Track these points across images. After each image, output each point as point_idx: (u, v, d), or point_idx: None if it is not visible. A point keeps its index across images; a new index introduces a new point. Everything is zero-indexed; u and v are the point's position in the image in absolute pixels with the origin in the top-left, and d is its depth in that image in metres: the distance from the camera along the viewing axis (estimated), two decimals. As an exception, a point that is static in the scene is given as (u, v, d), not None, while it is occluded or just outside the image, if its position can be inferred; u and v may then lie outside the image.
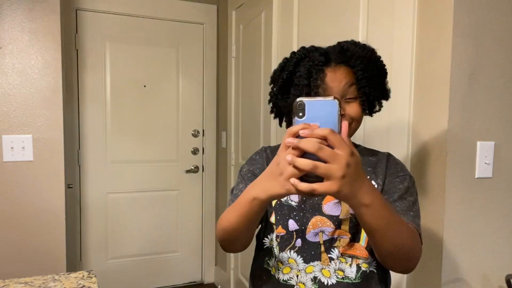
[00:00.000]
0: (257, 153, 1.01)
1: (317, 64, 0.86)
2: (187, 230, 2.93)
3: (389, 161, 0.94)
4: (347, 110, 0.86)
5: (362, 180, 0.63)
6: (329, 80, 0.85)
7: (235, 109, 2.59)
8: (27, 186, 1.79)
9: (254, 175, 0.94)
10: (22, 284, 1.02)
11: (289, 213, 0.91)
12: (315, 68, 0.86)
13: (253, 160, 0.99)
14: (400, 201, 0.87)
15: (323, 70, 0.86)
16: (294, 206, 0.90)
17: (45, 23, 1.80)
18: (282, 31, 1.90)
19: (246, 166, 0.98)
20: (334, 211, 0.88)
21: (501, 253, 1.27)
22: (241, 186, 0.94)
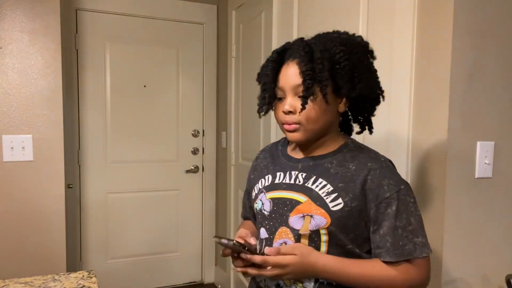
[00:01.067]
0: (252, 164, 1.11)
1: (271, 64, 0.91)
2: (187, 230, 2.93)
3: (371, 181, 0.86)
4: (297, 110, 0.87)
5: (307, 271, 0.85)
6: (283, 77, 0.89)
7: (235, 109, 2.59)
8: (27, 186, 1.79)
9: (247, 188, 1.11)
10: (22, 284, 1.02)
11: (262, 221, 0.96)
12: (270, 66, 0.91)
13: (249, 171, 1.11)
14: (391, 234, 0.84)
15: (277, 68, 0.90)
16: (266, 215, 0.95)
17: (45, 23, 1.80)
18: (282, 31, 1.90)
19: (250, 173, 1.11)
20: (296, 225, 0.89)
21: (501, 253, 1.27)
22: (243, 197, 1.16)
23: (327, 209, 0.86)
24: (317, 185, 0.89)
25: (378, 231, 0.86)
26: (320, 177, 0.90)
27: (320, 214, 0.86)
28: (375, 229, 0.86)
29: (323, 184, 0.89)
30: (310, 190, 0.89)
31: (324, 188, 0.88)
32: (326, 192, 0.87)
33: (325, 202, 0.87)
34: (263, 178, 0.99)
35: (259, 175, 1.02)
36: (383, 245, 0.85)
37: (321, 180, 0.89)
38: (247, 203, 1.12)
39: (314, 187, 0.89)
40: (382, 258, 0.85)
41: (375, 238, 0.86)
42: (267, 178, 0.98)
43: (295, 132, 0.89)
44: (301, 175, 0.92)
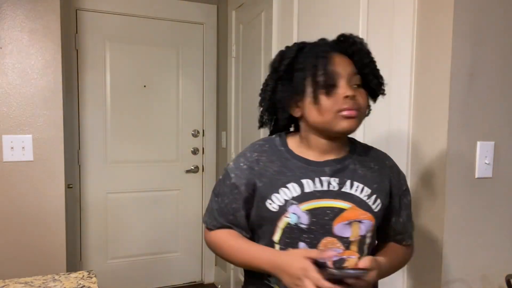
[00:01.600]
0: (238, 167, 0.93)
1: (324, 49, 0.87)
2: (187, 230, 2.93)
3: (393, 177, 0.96)
4: (357, 96, 0.86)
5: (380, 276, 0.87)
6: (336, 64, 0.85)
7: (235, 109, 2.59)
8: (27, 186, 1.79)
9: (239, 192, 0.92)
10: (22, 284, 1.02)
11: (299, 236, 0.88)
12: (322, 52, 0.87)
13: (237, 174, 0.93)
14: (409, 221, 1.00)
15: (330, 55, 0.87)
16: (304, 229, 0.87)
17: (45, 23, 1.80)
18: (282, 31, 1.90)
19: (233, 178, 0.93)
20: (344, 233, 0.88)
21: (501, 253, 1.27)
22: (227, 202, 0.94)
23: (372, 212, 0.90)
24: (355, 190, 0.90)
25: (399, 219, 0.98)
26: (354, 180, 0.91)
27: (367, 218, 0.89)
28: (396, 218, 0.98)
29: (361, 188, 0.90)
30: (351, 195, 0.89)
31: (363, 192, 0.90)
32: (366, 196, 0.90)
33: (369, 206, 0.90)
34: (285, 188, 0.88)
35: (273, 183, 0.89)
36: (405, 231, 0.99)
37: (357, 184, 0.90)
38: (231, 209, 0.93)
39: (354, 192, 0.90)
40: (404, 242, 1.00)
41: (397, 226, 0.98)
42: (292, 187, 0.88)
43: (354, 119, 0.85)
44: (334, 181, 0.89)
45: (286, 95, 0.89)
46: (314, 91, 0.85)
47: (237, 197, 0.92)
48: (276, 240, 0.90)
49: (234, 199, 0.93)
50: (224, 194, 0.94)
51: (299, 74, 0.86)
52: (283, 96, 0.89)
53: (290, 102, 0.89)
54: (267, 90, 0.93)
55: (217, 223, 0.95)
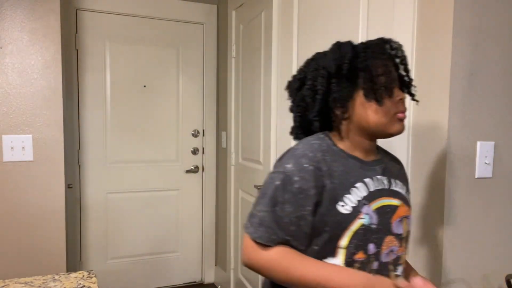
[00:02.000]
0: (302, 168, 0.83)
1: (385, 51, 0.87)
2: (187, 230, 2.93)
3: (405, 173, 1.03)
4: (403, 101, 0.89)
5: None
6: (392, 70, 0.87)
7: (235, 109, 2.59)
8: (27, 186, 1.79)
9: (307, 196, 0.82)
10: (22, 284, 1.02)
11: (370, 237, 0.85)
12: (386, 53, 0.87)
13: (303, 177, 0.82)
14: None
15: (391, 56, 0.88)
16: (374, 229, 0.85)
17: (45, 23, 1.80)
18: (282, 31, 1.90)
19: (297, 182, 0.82)
20: (398, 230, 0.89)
21: (501, 253, 1.27)
22: (289, 210, 0.81)
23: (410, 208, 0.95)
24: (399, 187, 0.94)
25: None
26: (395, 178, 0.94)
27: (410, 214, 0.94)
28: None
29: (400, 185, 0.94)
30: (398, 193, 0.92)
31: (403, 189, 0.94)
32: (405, 192, 0.95)
33: (409, 202, 0.95)
34: (354, 188, 0.85)
35: (343, 183, 0.84)
36: None
37: (397, 182, 0.94)
38: (294, 219, 0.82)
39: (399, 189, 0.93)
40: None
41: None
42: (361, 187, 0.85)
43: (403, 122, 0.89)
44: (385, 179, 0.91)
45: (345, 95, 0.87)
46: (378, 91, 0.84)
47: (303, 203, 0.81)
48: (344, 245, 0.83)
49: (299, 206, 0.81)
50: (285, 202, 0.82)
51: (363, 74, 0.86)
52: (341, 95, 0.87)
53: (348, 102, 0.88)
54: (319, 90, 0.88)
55: (276, 237, 0.82)
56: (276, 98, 1.96)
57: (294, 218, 0.81)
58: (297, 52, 1.78)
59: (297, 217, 0.81)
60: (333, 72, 0.87)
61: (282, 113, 1.90)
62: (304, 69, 0.95)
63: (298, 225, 0.82)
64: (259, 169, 2.17)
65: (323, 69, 0.89)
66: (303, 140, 0.90)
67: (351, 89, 0.87)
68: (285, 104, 1.87)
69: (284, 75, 1.87)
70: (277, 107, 1.95)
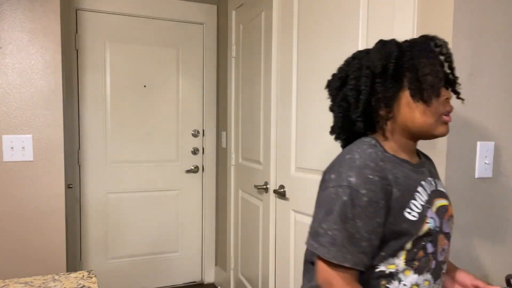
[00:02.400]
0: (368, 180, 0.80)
1: (432, 49, 0.85)
2: (187, 230, 2.93)
3: None
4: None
5: None
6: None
7: (235, 109, 2.59)
8: (27, 186, 1.79)
9: (378, 209, 0.79)
10: (22, 284, 1.02)
11: (427, 238, 0.85)
12: (434, 52, 0.84)
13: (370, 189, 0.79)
14: None
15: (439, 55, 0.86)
16: (435, 231, 0.85)
17: (45, 23, 1.80)
18: (282, 31, 1.90)
19: (365, 195, 0.78)
20: (447, 229, 0.90)
21: (501, 253, 1.27)
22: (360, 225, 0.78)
23: None
24: (442, 186, 0.94)
25: None
26: (437, 178, 0.95)
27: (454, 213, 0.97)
28: None
29: (441, 184, 0.94)
30: (443, 192, 0.92)
31: (444, 189, 0.94)
32: (446, 192, 0.95)
33: (450, 201, 0.94)
34: (417, 193, 0.84)
35: (408, 189, 0.83)
36: None
37: (439, 181, 0.94)
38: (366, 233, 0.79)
39: (443, 189, 0.93)
40: None
41: None
42: (422, 192, 0.85)
43: (448, 124, 0.87)
44: (432, 180, 0.91)
45: (391, 95, 0.85)
46: (426, 92, 0.82)
47: (374, 216, 0.79)
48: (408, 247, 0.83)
49: (370, 219, 0.79)
50: (355, 217, 0.78)
51: (409, 74, 0.83)
52: (386, 96, 0.85)
53: (393, 102, 0.86)
54: (363, 90, 0.86)
55: (351, 257, 0.78)
56: (276, 98, 1.96)
57: (366, 233, 0.79)
58: (297, 52, 1.78)
59: (368, 231, 0.79)
60: (378, 71, 0.84)
61: (282, 113, 1.90)
62: (345, 68, 0.91)
63: (369, 239, 0.79)
64: (259, 169, 2.17)
65: (367, 69, 0.86)
66: (355, 148, 0.85)
67: (396, 89, 0.85)
68: (285, 104, 1.87)
69: (284, 75, 1.87)
70: (277, 107, 1.95)
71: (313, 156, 1.68)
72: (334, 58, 1.54)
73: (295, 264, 1.83)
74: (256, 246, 2.23)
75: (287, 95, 1.85)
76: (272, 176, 2.00)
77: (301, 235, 1.78)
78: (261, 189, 2.08)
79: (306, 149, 1.72)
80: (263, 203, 2.12)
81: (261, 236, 2.16)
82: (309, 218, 1.72)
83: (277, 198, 1.97)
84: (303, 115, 1.74)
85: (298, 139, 1.79)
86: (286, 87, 1.86)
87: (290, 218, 1.85)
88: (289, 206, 1.86)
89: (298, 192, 1.78)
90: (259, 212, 2.18)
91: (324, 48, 1.60)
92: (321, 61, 1.62)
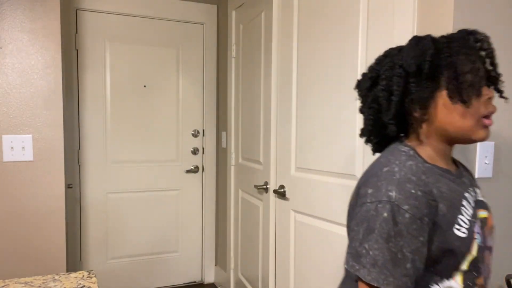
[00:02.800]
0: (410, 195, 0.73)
1: (472, 45, 0.77)
2: (187, 230, 2.93)
3: None
4: None
5: None
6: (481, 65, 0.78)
7: (235, 109, 2.59)
8: (27, 186, 1.79)
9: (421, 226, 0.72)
10: (22, 284, 1.02)
11: (482, 255, 0.80)
12: (474, 48, 0.77)
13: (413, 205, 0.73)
14: None
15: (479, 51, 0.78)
16: (482, 246, 0.80)
17: (45, 23, 1.80)
18: (282, 31, 1.90)
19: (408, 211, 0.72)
20: (490, 242, 0.83)
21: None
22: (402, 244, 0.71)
23: None
24: (481, 195, 0.87)
25: None
26: (477, 187, 0.88)
27: None
28: None
29: (480, 193, 0.87)
30: (484, 202, 0.85)
31: (483, 198, 0.87)
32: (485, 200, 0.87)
33: (490, 210, 0.86)
34: (462, 207, 0.78)
35: (454, 203, 0.77)
36: None
37: (479, 190, 0.87)
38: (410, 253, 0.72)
39: (483, 199, 0.86)
40: None
41: None
42: (466, 205, 0.79)
43: (488, 127, 0.79)
44: (472, 190, 0.84)
45: (426, 95, 0.78)
46: (466, 92, 0.75)
47: (417, 234, 0.72)
48: (464, 268, 0.76)
49: (413, 237, 0.71)
50: (397, 235, 0.71)
51: (447, 72, 0.76)
52: (421, 96, 0.78)
53: (428, 104, 0.79)
54: (395, 91, 0.80)
55: (393, 279, 0.71)
56: (276, 98, 1.96)
57: (409, 253, 0.71)
58: (297, 52, 1.78)
59: (412, 251, 0.71)
60: (412, 71, 0.78)
61: (282, 113, 1.90)
62: (376, 67, 0.85)
63: (413, 260, 0.72)
64: (259, 169, 2.17)
65: (400, 68, 0.79)
66: (392, 159, 0.79)
67: (432, 89, 0.78)
68: (285, 104, 1.87)
69: (284, 75, 1.87)
70: (277, 107, 1.95)
71: (313, 156, 1.68)
72: (334, 58, 1.54)
73: (295, 264, 1.83)
74: (256, 246, 2.23)
75: (287, 95, 1.85)
76: (272, 176, 2.00)
77: (301, 235, 1.78)
78: (261, 189, 2.08)
79: (306, 149, 1.72)
80: (263, 203, 2.12)
81: (261, 236, 2.16)
82: (309, 218, 1.72)
83: (277, 198, 1.97)
84: (303, 115, 1.74)
85: (298, 139, 1.79)
86: (286, 87, 1.86)
87: (290, 218, 1.85)
88: (289, 206, 1.86)
89: (298, 192, 1.78)
90: (259, 212, 2.18)
91: (324, 48, 1.60)
92: (321, 61, 1.62)
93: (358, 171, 1.45)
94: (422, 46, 0.78)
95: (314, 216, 1.69)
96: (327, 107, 1.59)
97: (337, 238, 1.57)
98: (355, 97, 1.45)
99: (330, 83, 1.57)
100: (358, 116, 1.44)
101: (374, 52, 1.36)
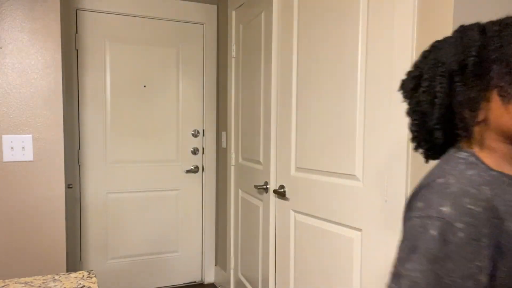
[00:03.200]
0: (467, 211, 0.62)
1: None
2: (187, 230, 2.93)
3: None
4: None
5: None
6: None
7: (235, 109, 2.59)
8: (27, 186, 1.79)
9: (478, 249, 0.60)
10: (22, 284, 1.02)
11: None
12: None
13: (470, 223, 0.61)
14: None
15: None
16: None
17: (45, 23, 1.80)
18: (282, 31, 1.90)
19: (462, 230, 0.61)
20: None
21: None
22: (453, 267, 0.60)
23: None
24: None
25: None
26: None
27: None
28: None
29: None
30: None
31: None
32: None
33: None
34: None
35: None
36: None
37: None
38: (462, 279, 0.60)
39: None
40: None
41: None
42: None
43: None
44: None
45: (475, 96, 0.68)
46: None
47: (471, 257, 0.60)
48: None
49: (467, 261, 0.60)
50: (446, 257, 0.60)
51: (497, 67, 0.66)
52: (469, 98, 0.68)
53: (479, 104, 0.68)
54: (438, 93, 0.70)
55: None
56: (276, 98, 1.96)
57: (459, 279, 0.60)
58: (296, 52, 1.78)
59: (463, 276, 0.60)
60: (456, 69, 0.68)
61: (282, 113, 1.90)
62: (419, 64, 0.75)
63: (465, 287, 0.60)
64: (259, 169, 2.18)
65: (442, 66, 0.70)
66: (448, 168, 0.69)
67: (482, 87, 0.67)
68: (285, 104, 1.87)
69: (284, 75, 1.87)
70: (277, 107, 1.95)
71: (313, 156, 1.68)
72: (334, 58, 1.54)
73: (295, 264, 1.84)
74: (256, 246, 2.23)
75: (287, 95, 1.85)
76: (272, 176, 2.00)
77: (301, 235, 1.78)
78: (261, 189, 2.08)
79: (306, 149, 1.72)
80: (263, 203, 2.12)
81: (261, 236, 2.16)
82: (309, 218, 1.72)
83: (277, 198, 1.97)
84: (303, 115, 1.74)
85: (298, 139, 1.79)
86: (286, 87, 1.86)
87: (290, 218, 1.85)
88: (289, 206, 1.86)
89: (298, 192, 1.78)
90: (259, 212, 2.18)
91: (324, 48, 1.60)
92: (321, 61, 1.62)
93: (358, 171, 1.45)
94: (467, 39, 0.68)
95: (314, 216, 1.69)
96: (327, 107, 1.59)
97: (337, 238, 1.57)
98: (355, 97, 1.45)
99: (330, 83, 1.57)
100: (358, 116, 1.44)
101: (374, 52, 1.36)
